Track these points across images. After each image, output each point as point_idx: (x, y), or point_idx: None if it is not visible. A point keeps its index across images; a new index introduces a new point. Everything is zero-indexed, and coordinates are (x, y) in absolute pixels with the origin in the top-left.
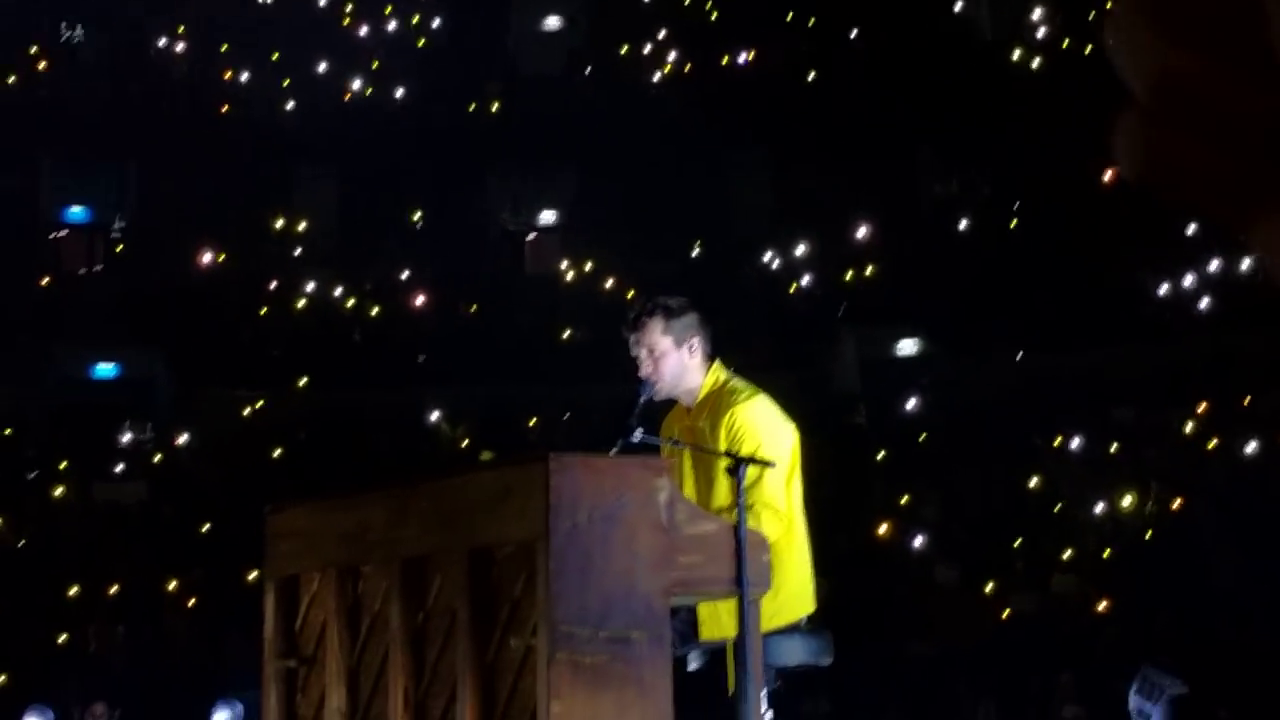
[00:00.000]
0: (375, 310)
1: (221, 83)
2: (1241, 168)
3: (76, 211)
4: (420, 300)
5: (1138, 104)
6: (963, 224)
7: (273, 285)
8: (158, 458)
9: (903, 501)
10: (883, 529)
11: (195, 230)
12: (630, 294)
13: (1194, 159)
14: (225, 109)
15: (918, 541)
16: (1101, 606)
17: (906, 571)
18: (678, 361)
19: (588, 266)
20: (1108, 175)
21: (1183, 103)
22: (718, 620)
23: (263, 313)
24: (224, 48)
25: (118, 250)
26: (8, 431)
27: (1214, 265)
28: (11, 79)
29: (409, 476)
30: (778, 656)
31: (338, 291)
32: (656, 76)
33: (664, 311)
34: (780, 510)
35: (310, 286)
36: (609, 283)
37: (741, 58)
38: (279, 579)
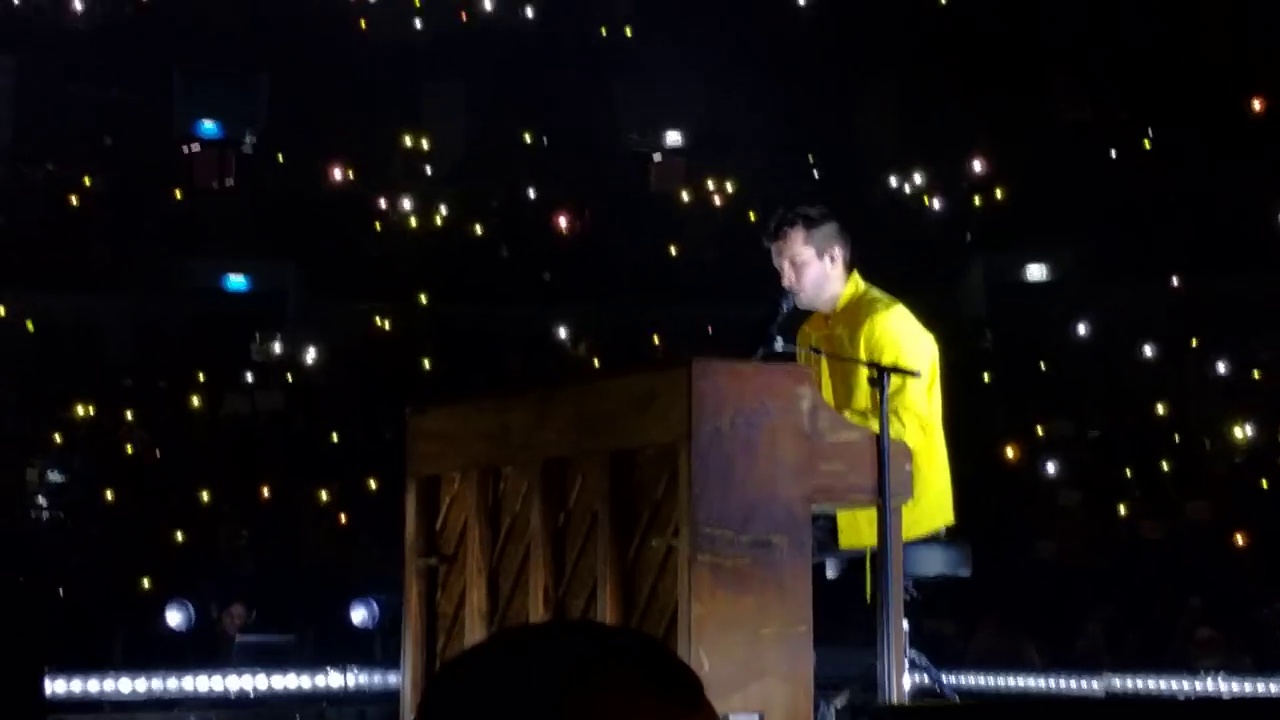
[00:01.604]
0: (502, 226)
1: None
2: None
3: (209, 126)
4: (547, 218)
5: None
6: (1096, 149)
7: (401, 200)
8: (288, 369)
9: (1030, 426)
10: (1010, 453)
11: (326, 145)
12: (752, 215)
13: None
14: (363, 24)
15: (1045, 466)
16: (1238, 538)
17: (1033, 495)
18: (819, 270)
19: (712, 186)
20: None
21: None
22: (857, 529)
23: (390, 228)
24: None
25: (250, 165)
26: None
27: None
28: None
29: (552, 380)
30: (916, 566)
31: (464, 208)
32: None
33: (805, 220)
34: (923, 418)
35: (438, 201)
36: (733, 203)
37: None
38: (420, 479)
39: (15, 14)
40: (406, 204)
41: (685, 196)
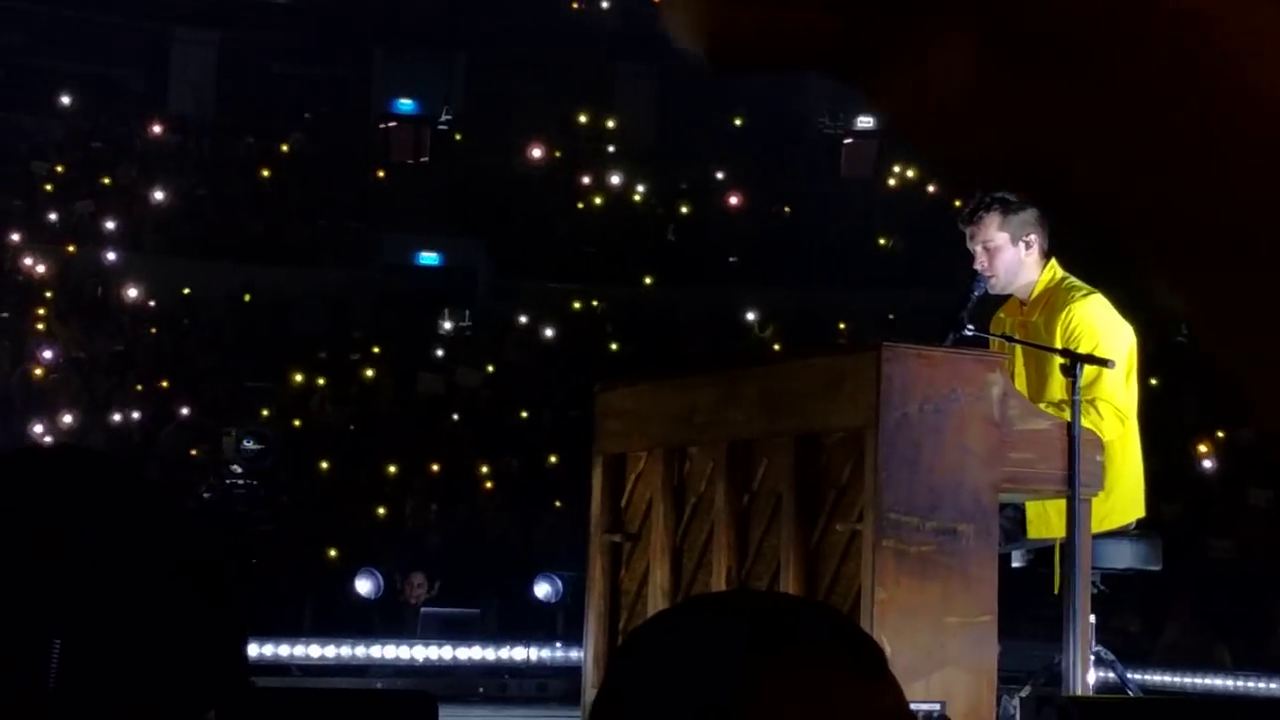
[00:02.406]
0: (690, 209)
1: None
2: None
3: (405, 103)
4: (735, 200)
5: None
6: None
7: (590, 180)
8: (478, 347)
9: (1221, 423)
10: (1201, 448)
11: (518, 124)
12: (952, 201)
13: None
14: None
15: (1235, 463)
16: None
17: (1221, 493)
18: (1013, 257)
19: (904, 171)
20: None
21: None
22: (1046, 520)
23: (580, 208)
24: None
25: (445, 142)
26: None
27: None
28: None
29: (739, 361)
30: (1105, 559)
31: (654, 190)
32: None
33: (1001, 206)
34: (1121, 409)
35: (627, 183)
36: (926, 188)
37: None
38: (607, 456)
39: None
40: (597, 184)
41: (877, 180)
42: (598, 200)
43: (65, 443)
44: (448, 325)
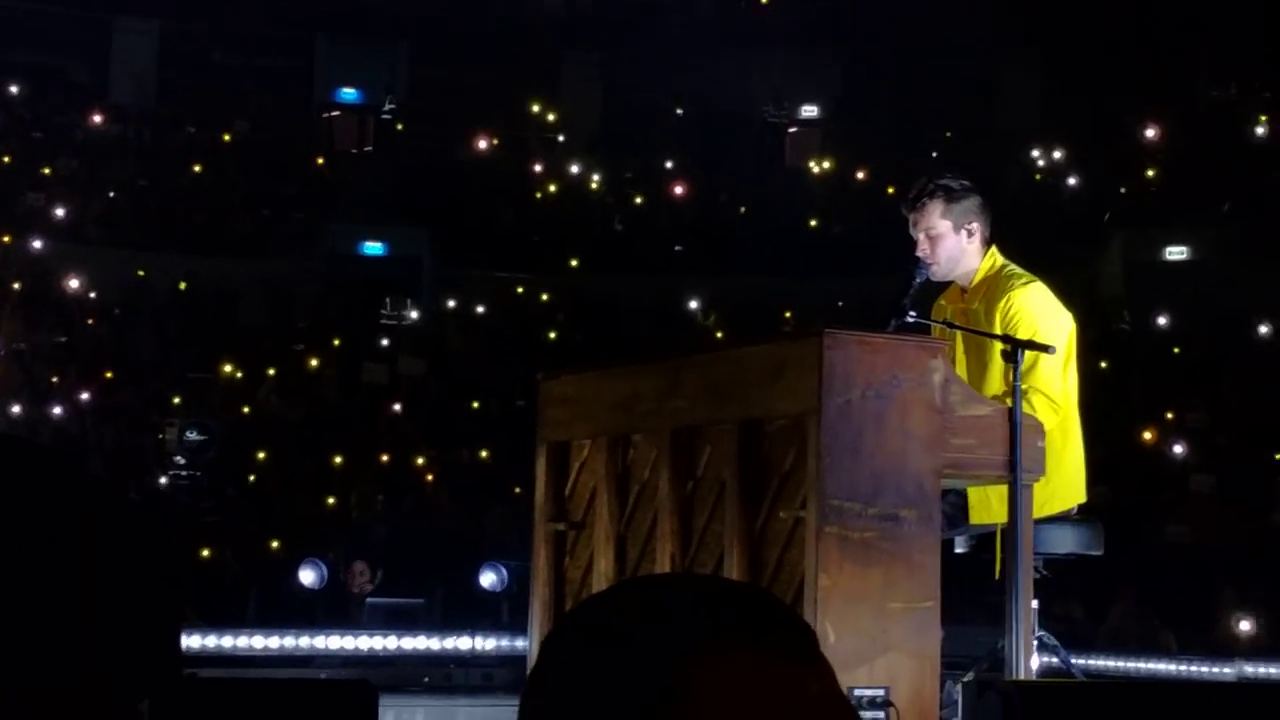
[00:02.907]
0: (636, 198)
1: None
2: None
3: (349, 92)
4: (680, 189)
5: None
6: (1240, 127)
7: (536, 169)
8: (422, 335)
9: (1165, 409)
10: (1146, 435)
11: (463, 113)
12: (888, 189)
13: None
14: None
15: (1178, 449)
16: None
17: (1166, 479)
18: (955, 244)
19: (846, 159)
20: None
21: None
22: (988, 505)
23: (524, 197)
24: None
25: (388, 132)
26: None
27: None
28: None
29: (681, 349)
30: (1047, 544)
31: (598, 178)
32: None
33: (945, 193)
34: (1056, 397)
35: (573, 171)
36: (868, 176)
37: None
38: (550, 444)
39: None
40: (543, 173)
41: (819, 169)
42: (543, 190)
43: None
44: (391, 313)
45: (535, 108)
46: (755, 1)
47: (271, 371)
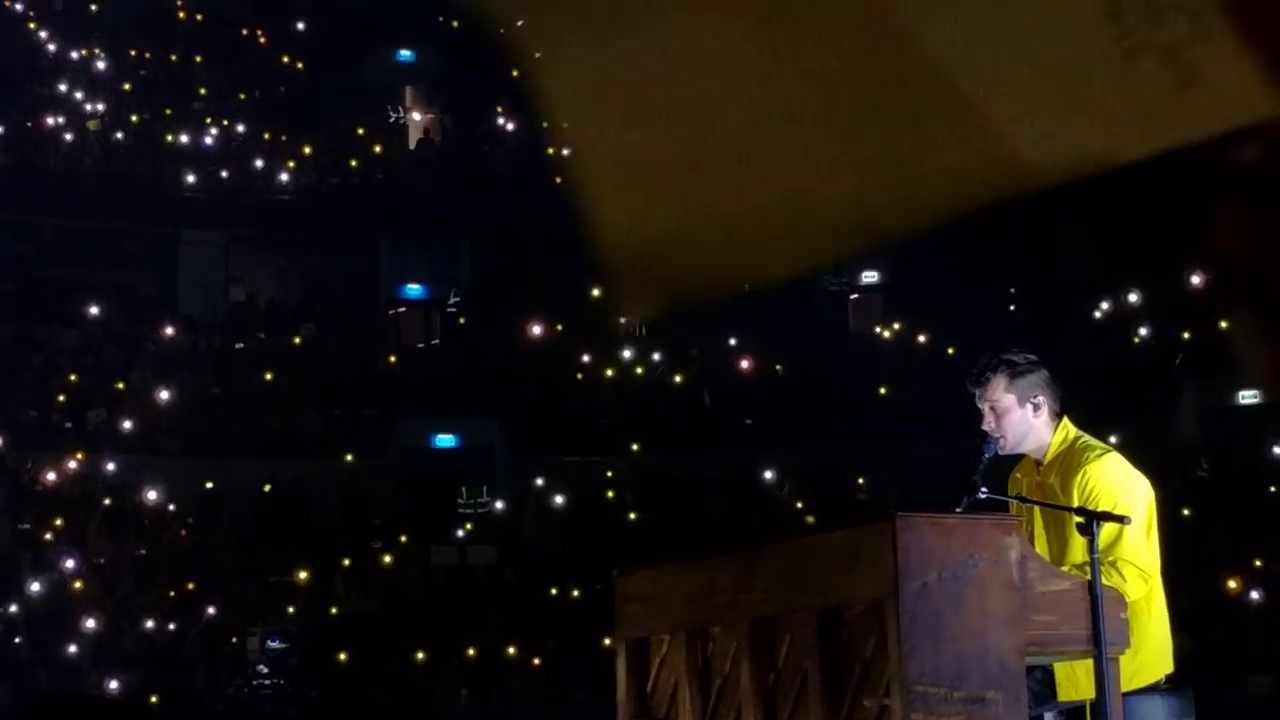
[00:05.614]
0: (701, 374)
1: (546, 157)
2: None
3: (414, 288)
4: (746, 363)
5: None
6: None
7: (599, 354)
8: (497, 524)
9: (1250, 555)
10: (1230, 584)
11: (525, 303)
12: (950, 350)
13: None
14: (558, 180)
15: (1254, 595)
16: None
17: (1254, 626)
18: (1021, 418)
19: (911, 326)
20: None
21: None
22: (1075, 680)
23: (590, 380)
24: (544, 124)
25: (454, 324)
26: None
27: None
28: (353, 163)
29: (755, 539)
30: (1137, 717)
31: (664, 358)
32: None
33: (1008, 367)
34: (1144, 567)
35: (635, 354)
36: (933, 339)
37: None
38: (629, 640)
39: (224, 188)
40: (607, 356)
41: (883, 334)
42: (609, 372)
43: (82, 693)
44: (467, 503)
45: (594, 291)
46: None
47: (346, 571)
